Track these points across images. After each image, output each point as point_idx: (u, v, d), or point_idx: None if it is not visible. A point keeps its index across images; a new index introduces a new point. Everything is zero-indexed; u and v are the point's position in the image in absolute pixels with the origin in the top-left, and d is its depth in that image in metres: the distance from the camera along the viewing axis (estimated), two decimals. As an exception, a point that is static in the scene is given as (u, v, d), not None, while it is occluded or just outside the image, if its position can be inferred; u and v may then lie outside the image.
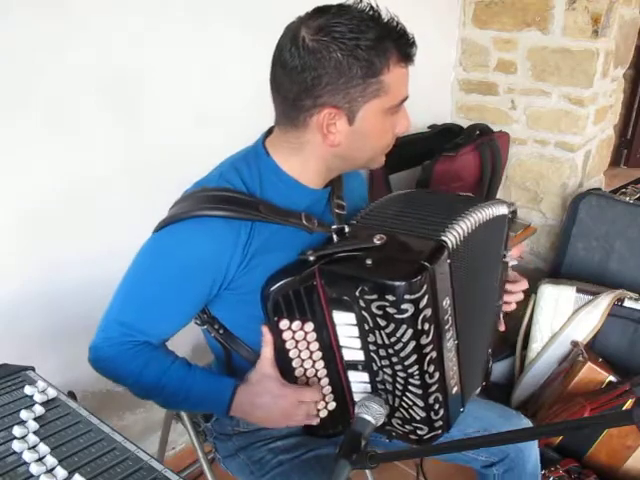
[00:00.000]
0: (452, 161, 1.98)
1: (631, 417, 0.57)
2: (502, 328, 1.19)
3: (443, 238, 0.90)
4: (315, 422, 1.01)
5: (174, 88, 1.52)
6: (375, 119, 0.93)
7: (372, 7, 0.88)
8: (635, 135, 4.15)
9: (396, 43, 0.88)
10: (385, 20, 0.88)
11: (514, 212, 1.11)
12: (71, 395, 0.88)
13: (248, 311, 0.98)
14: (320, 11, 0.88)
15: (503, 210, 1.05)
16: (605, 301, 1.84)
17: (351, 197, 1.10)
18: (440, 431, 0.99)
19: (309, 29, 0.86)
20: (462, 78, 2.44)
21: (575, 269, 2.15)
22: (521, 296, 1.18)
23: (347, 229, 0.96)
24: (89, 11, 1.31)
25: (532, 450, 1.22)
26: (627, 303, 1.84)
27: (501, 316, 1.17)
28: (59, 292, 1.42)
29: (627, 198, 2.20)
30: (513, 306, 1.18)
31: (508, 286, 1.15)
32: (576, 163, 2.32)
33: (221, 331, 1.05)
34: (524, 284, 1.17)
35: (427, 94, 2.35)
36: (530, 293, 1.94)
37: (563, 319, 1.87)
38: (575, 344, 1.84)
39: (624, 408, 1.61)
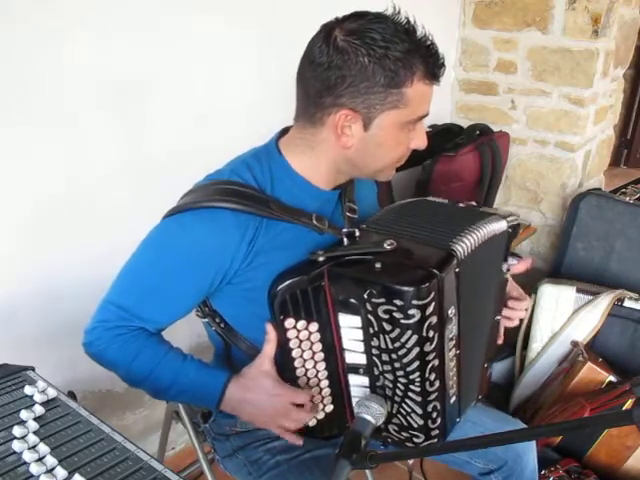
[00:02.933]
0: (452, 161, 1.98)
1: (631, 417, 0.57)
2: (500, 341, 1.19)
3: (453, 247, 0.91)
4: (299, 443, 1.00)
5: (175, 88, 1.52)
6: (390, 130, 0.93)
7: (408, 21, 0.89)
8: (635, 135, 4.15)
9: (424, 60, 0.89)
10: (418, 36, 0.89)
11: (516, 225, 1.11)
12: (71, 395, 0.88)
13: (251, 309, 0.98)
14: (358, 15, 0.89)
15: (502, 225, 1.05)
16: (605, 301, 1.84)
17: (362, 203, 1.11)
18: (436, 440, 0.99)
19: (343, 30, 0.87)
20: (462, 78, 2.44)
21: (575, 269, 2.15)
22: (523, 313, 1.18)
23: (358, 233, 0.97)
24: (88, 10, 1.31)
25: (530, 456, 1.21)
26: (627, 303, 1.84)
27: (501, 330, 1.17)
28: (59, 292, 1.42)
29: (627, 198, 2.20)
30: (516, 322, 1.18)
31: (511, 303, 1.15)
32: (576, 163, 2.32)
33: (222, 325, 1.05)
34: (527, 302, 1.18)
35: (427, 94, 2.35)
36: (530, 293, 1.94)
37: (563, 319, 1.87)
38: (575, 344, 1.84)
39: (624, 408, 1.61)
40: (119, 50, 1.39)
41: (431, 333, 0.88)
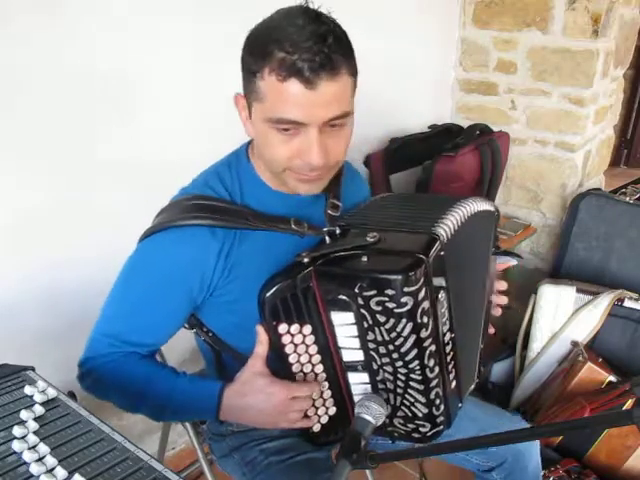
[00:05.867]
0: (452, 161, 1.98)
1: (631, 417, 0.57)
2: (492, 331, 1.19)
3: (435, 231, 0.91)
4: (312, 424, 1.00)
5: (170, 88, 1.52)
6: (261, 124, 0.88)
7: (309, 11, 0.83)
8: (635, 135, 4.16)
9: (286, 53, 0.79)
10: (298, 23, 0.80)
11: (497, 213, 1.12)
12: (71, 395, 0.87)
13: (234, 320, 0.98)
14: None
15: (489, 206, 1.05)
16: (605, 301, 1.84)
17: (353, 204, 1.10)
18: (442, 427, 0.98)
19: None
20: (462, 78, 2.44)
21: (575, 269, 2.15)
22: (505, 299, 1.18)
23: (338, 230, 0.96)
24: (85, 10, 1.31)
25: (532, 453, 1.21)
26: (627, 303, 1.84)
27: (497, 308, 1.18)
28: (59, 292, 1.42)
29: (627, 198, 2.20)
30: (499, 310, 1.18)
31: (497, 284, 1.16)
32: (576, 163, 2.32)
33: (210, 334, 1.05)
34: (502, 285, 1.18)
35: (427, 94, 2.36)
36: (530, 293, 1.95)
37: (563, 319, 1.87)
38: (575, 344, 1.85)
39: (624, 408, 1.61)
40: (117, 49, 1.39)
41: (425, 319, 0.87)
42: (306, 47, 0.79)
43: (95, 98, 1.38)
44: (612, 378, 1.71)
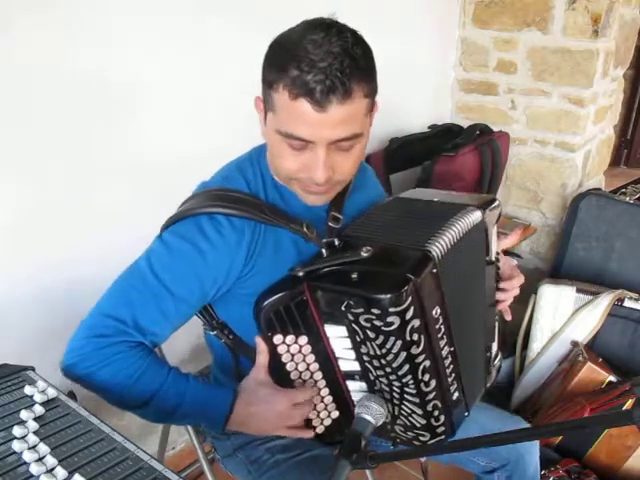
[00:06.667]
0: (452, 161, 1.98)
1: (631, 417, 0.57)
2: (509, 318, 1.17)
3: (428, 248, 0.90)
4: (312, 434, 1.00)
5: (171, 88, 1.52)
6: (272, 133, 0.89)
7: (330, 27, 0.83)
8: (635, 135, 4.16)
9: (300, 72, 0.80)
10: (317, 47, 0.80)
11: (498, 211, 1.10)
12: (71, 395, 0.88)
13: (251, 313, 0.98)
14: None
15: (478, 216, 1.04)
16: (605, 301, 1.84)
17: (366, 204, 1.10)
18: (443, 436, 0.98)
19: None
20: (462, 78, 2.44)
21: (575, 269, 2.15)
22: (517, 291, 1.16)
23: (337, 242, 0.96)
24: (82, 12, 1.31)
25: (533, 456, 1.21)
26: (627, 303, 1.84)
27: (506, 308, 1.17)
28: (60, 292, 1.42)
29: (627, 198, 2.20)
30: (509, 302, 1.17)
31: (503, 284, 1.15)
32: (576, 163, 2.32)
33: (231, 336, 1.05)
34: (520, 279, 1.16)
35: (427, 94, 2.36)
36: (530, 293, 1.95)
37: (563, 319, 1.87)
38: (575, 344, 1.85)
39: (624, 408, 1.61)
40: (112, 50, 1.39)
41: (416, 336, 0.87)
42: (320, 68, 0.79)
43: (95, 98, 1.38)
44: (612, 378, 1.71)
